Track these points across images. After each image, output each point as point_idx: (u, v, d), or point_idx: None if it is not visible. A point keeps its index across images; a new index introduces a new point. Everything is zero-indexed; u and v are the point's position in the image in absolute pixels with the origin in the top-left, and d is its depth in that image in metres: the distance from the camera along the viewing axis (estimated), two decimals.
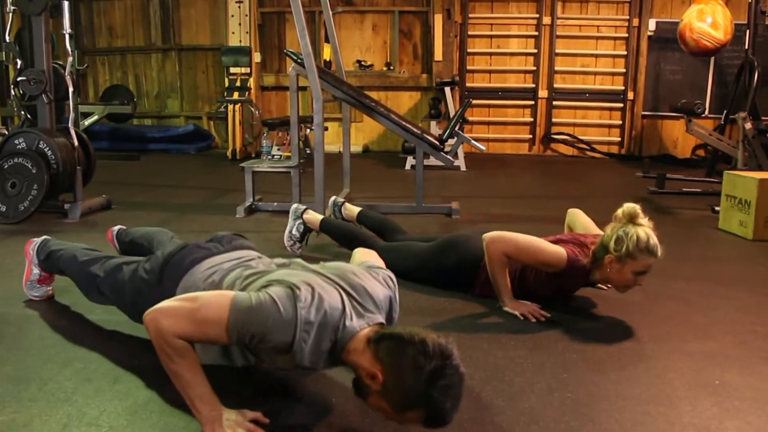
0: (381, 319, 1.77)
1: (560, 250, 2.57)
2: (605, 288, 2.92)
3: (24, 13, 4.65)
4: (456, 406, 1.55)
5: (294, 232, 3.45)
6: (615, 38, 8.38)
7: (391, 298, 1.89)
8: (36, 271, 2.67)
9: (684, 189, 5.76)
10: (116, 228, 2.97)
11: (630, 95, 8.39)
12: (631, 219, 2.49)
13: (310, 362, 1.68)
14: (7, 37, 4.81)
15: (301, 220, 3.44)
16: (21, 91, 4.55)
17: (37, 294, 2.70)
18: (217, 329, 1.63)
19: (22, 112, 5.05)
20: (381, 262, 2.08)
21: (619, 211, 2.53)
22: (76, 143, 4.46)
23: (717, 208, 4.58)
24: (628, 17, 8.25)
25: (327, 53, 7.67)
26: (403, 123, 4.61)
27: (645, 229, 2.47)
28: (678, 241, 4.05)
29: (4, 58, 6.60)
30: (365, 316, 1.73)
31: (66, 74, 4.57)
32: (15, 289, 2.78)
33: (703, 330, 2.53)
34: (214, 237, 2.27)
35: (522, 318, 2.57)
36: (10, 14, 4.53)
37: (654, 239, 2.46)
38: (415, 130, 4.61)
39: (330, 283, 1.76)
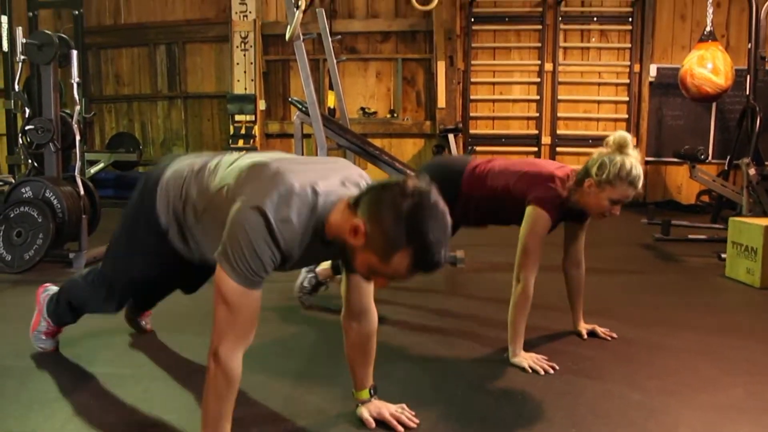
0: (353, 190, 1.76)
1: (543, 217, 2.58)
2: (585, 337, 2.92)
3: (33, 62, 4.72)
4: (442, 242, 1.56)
5: (306, 284, 3.41)
6: (617, 84, 8.45)
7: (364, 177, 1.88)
8: (44, 323, 2.64)
9: (689, 236, 5.74)
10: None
11: (633, 141, 8.40)
12: (620, 147, 2.51)
13: (298, 255, 1.71)
14: (17, 86, 4.87)
15: (313, 274, 3.41)
16: (29, 140, 4.58)
17: (43, 345, 2.68)
18: (245, 298, 1.65)
19: (30, 161, 5.08)
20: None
21: (610, 138, 2.56)
22: (82, 192, 4.49)
23: (723, 256, 4.55)
24: (629, 63, 8.33)
25: (331, 100, 7.75)
26: (408, 171, 4.62)
27: (630, 159, 2.49)
28: (684, 290, 4.04)
29: (12, 107, 6.67)
30: (339, 190, 1.74)
31: (73, 123, 4.61)
32: (18, 340, 2.77)
33: (712, 382, 2.49)
34: None
35: (530, 371, 2.54)
36: (20, 63, 4.60)
37: (637, 170, 2.48)
38: None
39: (299, 165, 1.79)
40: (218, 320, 1.67)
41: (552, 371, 2.53)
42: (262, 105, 8.50)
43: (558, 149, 8.50)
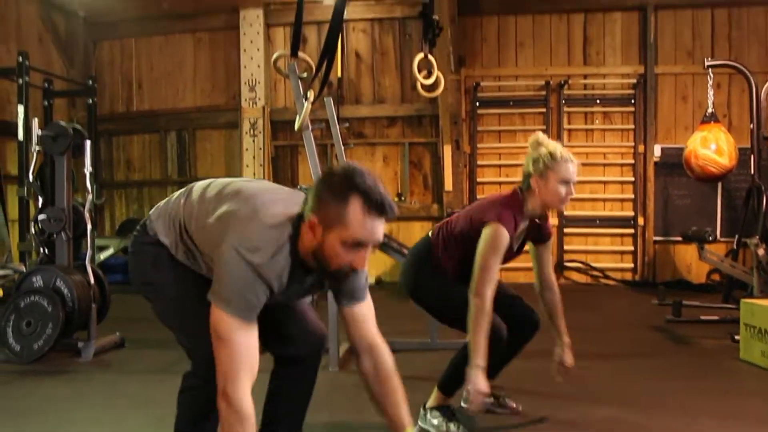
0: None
1: (501, 232, 2.68)
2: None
3: (48, 153, 4.81)
4: (381, 190, 1.76)
5: None
6: (622, 165, 8.52)
7: None
8: None
9: (702, 317, 5.67)
10: None
11: (640, 221, 8.44)
12: (538, 145, 2.77)
13: (281, 284, 1.84)
14: (31, 177, 4.94)
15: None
16: (41, 228, 4.62)
17: None
18: (242, 333, 1.75)
19: (41, 248, 5.11)
20: None
21: (527, 143, 2.84)
22: (92, 280, 4.49)
23: (737, 337, 4.49)
24: (633, 144, 8.43)
25: None
26: None
27: (551, 144, 2.78)
28: (698, 374, 3.97)
29: (25, 194, 6.76)
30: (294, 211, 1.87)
31: (85, 212, 4.67)
32: None
33: None
34: None
35: (467, 393, 2.62)
36: (35, 154, 4.69)
37: (563, 149, 2.78)
38: None
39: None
40: (220, 361, 1.75)
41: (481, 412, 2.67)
42: None
43: (565, 230, 8.51)
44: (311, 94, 4.38)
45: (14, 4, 8.26)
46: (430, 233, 3.04)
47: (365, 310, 2.05)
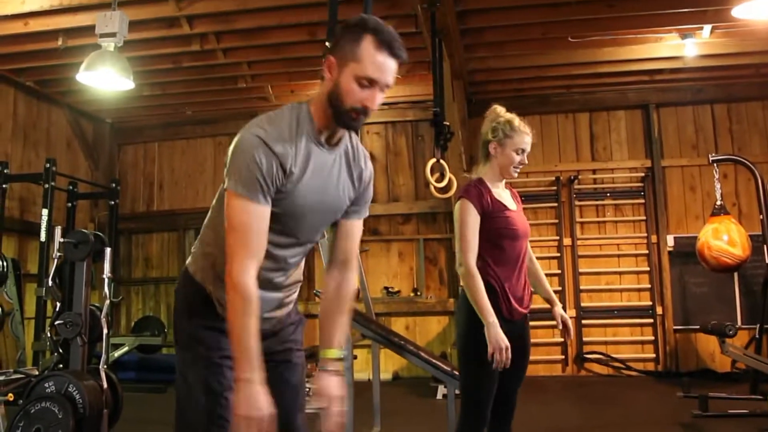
0: None
1: (465, 205, 2.93)
2: None
3: (68, 259, 4.92)
4: (386, 27, 1.86)
5: None
6: (636, 255, 8.52)
7: None
8: None
9: (729, 411, 5.54)
10: None
11: (659, 310, 8.35)
12: (496, 115, 3.01)
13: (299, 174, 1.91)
14: (50, 281, 5.03)
15: None
16: (57, 332, 4.68)
17: None
18: (250, 211, 1.83)
19: (56, 353, 5.14)
20: None
21: (487, 114, 3.06)
22: (105, 385, 4.50)
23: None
24: (645, 235, 8.45)
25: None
26: (432, 360, 4.64)
27: (510, 114, 3.01)
28: None
29: (44, 294, 6.86)
30: None
31: (101, 316, 4.72)
32: None
33: None
34: None
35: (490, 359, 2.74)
36: (55, 260, 4.79)
37: (519, 120, 3.00)
38: (445, 367, 4.62)
39: None
40: (229, 245, 1.85)
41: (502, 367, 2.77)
42: None
43: (584, 321, 8.43)
44: None
45: (46, 112, 8.64)
46: None
47: (356, 228, 2.19)
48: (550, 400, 6.87)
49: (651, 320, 8.40)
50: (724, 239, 6.26)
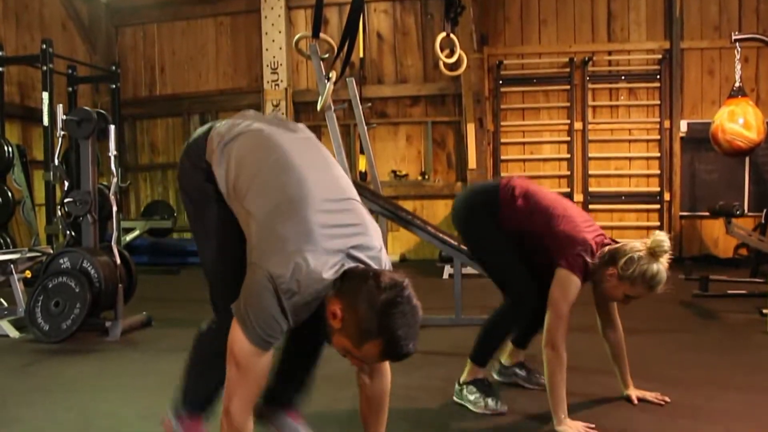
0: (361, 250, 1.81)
1: (574, 281, 2.57)
2: (635, 402, 2.87)
3: (72, 137, 4.86)
4: (411, 336, 1.67)
5: None
6: (647, 141, 8.42)
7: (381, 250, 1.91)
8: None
9: (729, 291, 5.62)
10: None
11: (666, 196, 8.35)
12: (653, 251, 2.48)
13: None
14: (56, 160, 5.01)
15: None
16: (67, 211, 4.69)
17: None
18: (257, 359, 1.75)
19: (68, 231, 5.18)
20: None
21: (649, 239, 2.53)
22: (118, 261, 4.55)
23: (765, 311, 4.44)
24: (659, 120, 8.32)
25: (362, 164, 7.83)
26: (440, 235, 4.62)
27: (658, 265, 2.48)
28: (727, 348, 3.93)
29: (51, 178, 6.84)
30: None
31: (110, 194, 4.71)
32: (56, 410, 2.77)
33: None
34: None
35: None
36: (60, 138, 4.73)
37: (661, 276, 2.48)
38: (451, 241, 4.62)
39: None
40: (230, 378, 1.77)
41: None
42: None
43: (591, 206, 8.43)
44: (333, 75, 4.38)
45: None
46: (497, 181, 2.95)
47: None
48: None
49: (658, 206, 8.41)
50: (740, 122, 6.13)
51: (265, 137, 1.99)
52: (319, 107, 4.21)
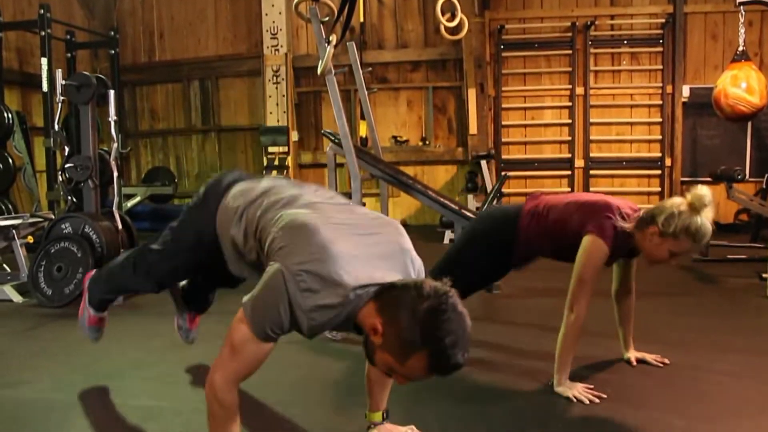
0: (394, 277, 1.70)
1: (601, 247, 2.52)
2: (634, 364, 2.90)
3: (72, 102, 4.84)
4: (459, 345, 1.53)
5: None
6: (649, 106, 8.37)
7: (409, 256, 1.83)
8: (86, 313, 2.63)
9: (729, 256, 5.64)
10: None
11: (668, 162, 8.32)
12: (693, 205, 2.43)
13: (330, 331, 1.85)
14: (56, 126, 5.00)
15: None
16: (68, 177, 4.69)
17: (86, 333, 2.66)
18: (252, 344, 1.68)
19: (69, 197, 5.19)
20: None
21: (688, 195, 2.46)
22: (119, 226, 4.56)
23: (765, 276, 4.46)
24: (661, 85, 8.26)
25: (363, 130, 7.80)
26: (441, 199, 4.63)
27: (700, 218, 2.42)
28: (726, 312, 3.96)
29: (52, 145, 6.83)
30: (375, 277, 1.67)
31: (111, 160, 4.71)
32: (61, 373, 2.81)
33: (757, 406, 2.43)
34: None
35: (575, 400, 2.49)
36: (59, 104, 4.72)
37: (705, 228, 2.42)
38: (452, 205, 4.63)
39: (345, 245, 1.70)
40: (222, 356, 1.73)
41: (597, 401, 2.48)
42: (294, 136, 8.59)
43: (591, 172, 8.43)
44: (333, 38, 4.34)
45: None
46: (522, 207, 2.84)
47: None
48: None
49: (659, 171, 8.39)
50: (743, 86, 6.08)
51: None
52: (319, 71, 4.18)
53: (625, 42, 8.34)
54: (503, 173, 7.98)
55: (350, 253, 1.68)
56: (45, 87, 6.86)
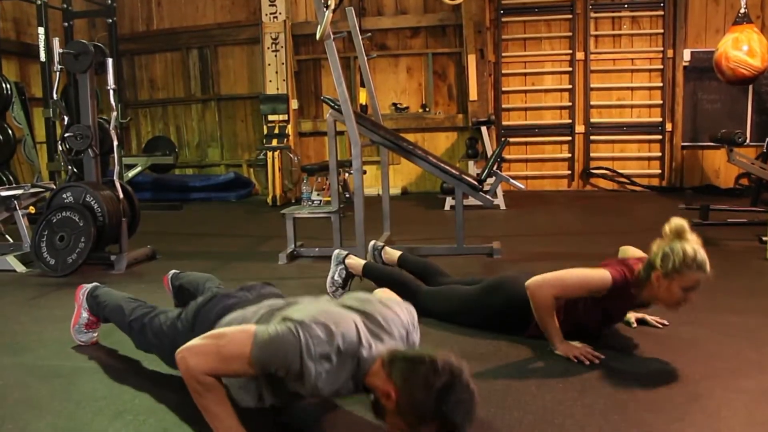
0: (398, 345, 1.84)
1: (604, 272, 2.53)
2: (634, 325, 2.90)
3: (70, 71, 4.82)
4: (468, 420, 1.64)
5: (336, 277, 3.44)
6: (650, 70, 8.34)
7: (408, 328, 1.93)
8: (85, 315, 2.78)
9: (729, 220, 5.65)
10: (171, 272, 3.10)
11: (668, 127, 8.31)
12: (678, 235, 2.42)
13: (329, 392, 1.78)
14: (55, 95, 4.98)
15: (343, 266, 3.43)
16: (68, 146, 4.68)
17: (84, 339, 2.81)
18: (241, 363, 1.73)
19: (69, 167, 5.20)
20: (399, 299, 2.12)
21: (666, 227, 2.45)
22: (121, 195, 4.57)
23: (765, 239, 4.48)
24: (662, 49, 8.22)
25: (363, 97, 7.77)
26: (441, 165, 4.63)
27: (692, 245, 2.39)
28: (725, 274, 3.96)
29: (51, 115, 6.83)
30: (384, 341, 1.80)
31: (111, 129, 4.70)
32: (65, 340, 2.84)
33: (756, 365, 2.46)
34: (243, 286, 2.29)
35: (576, 361, 2.52)
36: (57, 73, 4.70)
37: (702, 254, 2.38)
38: (453, 171, 4.63)
39: (347, 311, 1.83)
40: (206, 347, 1.77)
41: (597, 361, 2.51)
42: (294, 104, 8.56)
43: (592, 137, 8.43)
44: (332, 2, 4.30)
45: None
46: None
47: None
48: (556, 210, 7.02)
49: (659, 136, 8.38)
50: (744, 49, 6.06)
51: None
52: (318, 36, 4.15)
53: (626, 6, 8.29)
54: (503, 138, 7.98)
55: (356, 322, 1.78)
56: (43, 57, 6.84)
